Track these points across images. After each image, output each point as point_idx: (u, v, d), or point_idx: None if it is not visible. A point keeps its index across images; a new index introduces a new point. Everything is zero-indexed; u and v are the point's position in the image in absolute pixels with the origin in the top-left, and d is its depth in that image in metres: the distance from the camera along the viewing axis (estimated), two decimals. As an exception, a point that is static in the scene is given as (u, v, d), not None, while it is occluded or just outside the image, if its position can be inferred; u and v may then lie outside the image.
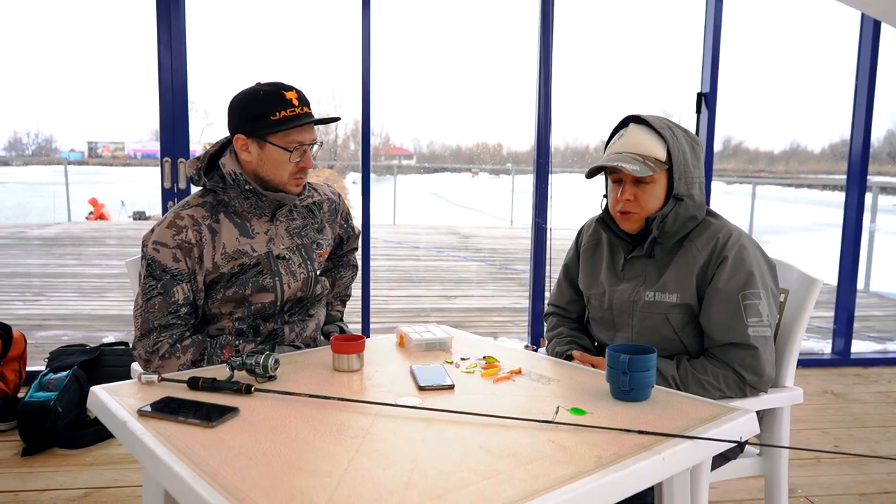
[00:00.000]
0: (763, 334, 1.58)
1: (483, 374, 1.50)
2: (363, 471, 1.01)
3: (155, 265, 1.64)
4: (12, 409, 2.91)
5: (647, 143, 1.63)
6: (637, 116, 1.68)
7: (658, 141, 1.62)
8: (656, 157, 1.61)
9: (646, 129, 1.65)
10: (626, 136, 1.66)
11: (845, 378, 3.92)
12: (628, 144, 1.65)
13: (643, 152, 1.62)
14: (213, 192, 1.73)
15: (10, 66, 23.81)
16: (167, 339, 1.64)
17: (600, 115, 12.79)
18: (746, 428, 1.24)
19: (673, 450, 1.11)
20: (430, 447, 1.10)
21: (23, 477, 2.51)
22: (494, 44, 34.01)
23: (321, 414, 1.24)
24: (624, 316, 1.72)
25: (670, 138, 1.62)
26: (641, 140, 1.63)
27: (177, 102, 3.37)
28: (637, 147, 1.63)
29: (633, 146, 1.64)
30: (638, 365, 1.30)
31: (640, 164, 1.60)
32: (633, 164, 1.59)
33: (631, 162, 1.60)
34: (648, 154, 1.62)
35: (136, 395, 1.33)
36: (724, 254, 1.61)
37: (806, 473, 2.66)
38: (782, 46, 23.62)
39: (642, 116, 1.67)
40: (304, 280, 1.79)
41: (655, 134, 1.63)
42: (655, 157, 1.61)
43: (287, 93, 1.65)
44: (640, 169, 1.58)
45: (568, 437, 1.14)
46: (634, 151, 1.63)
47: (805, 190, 22.52)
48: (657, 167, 1.61)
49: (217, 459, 1.04)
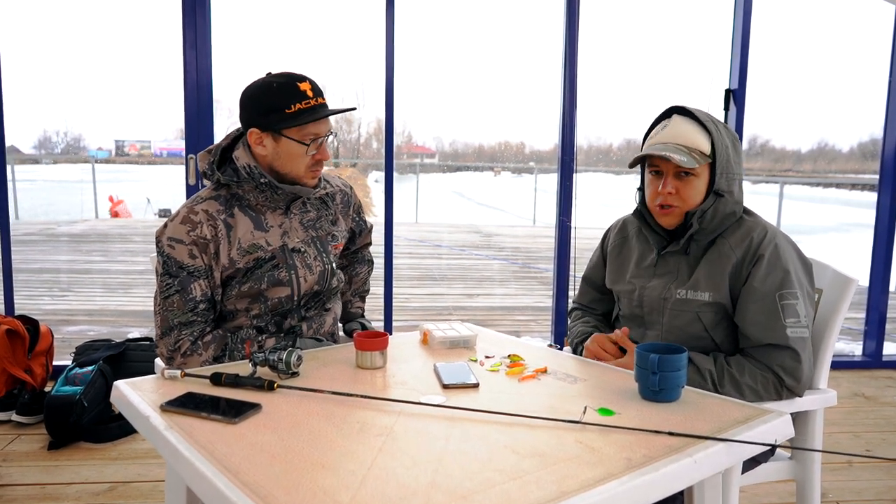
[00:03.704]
0: (801, 335, 1.54)
1: (508, 373, 1.47)
2: (387, 469, 0.99)
3: (171, 262, 1.62)
4: (39, 402, 2.94)
5: (692, 135, 1.59)
6: (681, 107, 1.64)
7: (703, 133, 1.59)
8: (701, 150, 1.58)
9: (690, 121, 1.61)
10: (671, 126, 1.62)
11: (877, 381, 3.83)
12: (673, 135, 1.60)
13: (689, 144, 1.58)
14: (227, 186, 1.70)
15: (40, 66, 24.20)
16: (188, 337, 1.63)
17: (624, 113, 12.68)
18: (781, 431, 1.20)
19: (705, 452, 1.07)
20: (455, 446, 1.07)
21: (49, 470, 2.54)
22: (517, 42, 33.86)
23: (344, 411, 1.22)
24: (654, 314, 1.68)
25: (715, 132, 1.58)
26: (686, 131, 1.59)
27: (202, 100, 3.38)
28: (682, 138, 1.59)
29: (678, 137, 1.60)
30: (668, 365, 1.27)
31: (686, 154, 1.56)
32: (680, 154, 1.55)
33: (678, 152, 1.56)
34: (694, 146, 1.58)
35: (158, 391, 1.33)
36: (760, 252, 1.56)
37: (837, 478, 2.59)
38: (808, 42, 23.24)
39: (687, 108, 1.63)
40: (321, 273, 1.77)
41: (700, 126, 1.59)
42: (700, 150, 1.58)
43: (301, 84, 1.62)
44: (687, 160, 1.54)
45: (596, 437, 1.12)
46: (680, 142, 1.59)
47: (833, 189, 22.15)
48: (702, 160, 1.57)
49: (239, 456, 1.03)
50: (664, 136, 1.62)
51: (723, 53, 3.79)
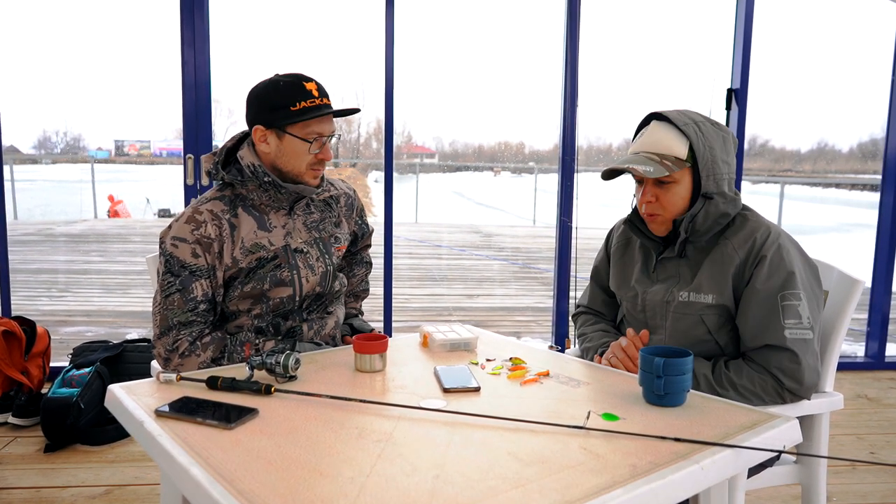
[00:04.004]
0: (802, 337, 1.51)
1: (510, 376, 1.45)
2: (386, 477, 0.96)
3: (173, 261, 1.61)
4: (36, 404, 2.91)
5: (666, 142, 1.57)
6: (659, 113, 1.61)
7: (680, 138, 1.56)
8: (676, 156, 1.55)
9: (667, 127, 1.58)
10: (647, 134, 1.61)
11: (879, 382, 3.81)
12: (646, 143, 1.59)
13: (661, 151, 1.56)
14: (231, 186, 1.71)
15: (40, 66, 24.19)
16: (186, 337, 1.61)
17: (624, 113, 12.68)
18: (789, 436, 1.18)
19: (712, 459, 1.05)
20: (456, 452, 1.05)
21: (45, 473, 2.51)
22: (516, 42, 33.87)
23: (342, 416, 1.20)
24: (657, 317, 1.66)
25: (694, 134, 1.55)
26: (661, 138, 1.58)
27: (200, 99, 3.36)
28: (655, 146, 1.58)
29: (651, 145, 1.58)
30: (673, 368, 1.24)
31: (654, 164, 1.54)
32: (646, 164, 1.54)
33: (645, 163, 1.54)
34: (667, 153, 1.56)
35: (154, 395, 1.30)
36: (763, 253, 1.54)
37: (842, 481, 2.57)
38: (808, 42, 23.18)
39: (664, 113, 1.60)
40: (323, 274, 1.76)
41: (677, 131, 1.57)
42: (675, 156, 1.55)
43: (307, 83, 1.63)
44: (653, 170, 1.53)
45: (600, 443, 1.09)
46: (651, 151, 1.57)
47: (833, 189, 22.12)
48: (676, 166, 1.54)
49: (235, 463, 1.01)
50: (637, 145, 1.61)
51: (725, 53, 3.77)
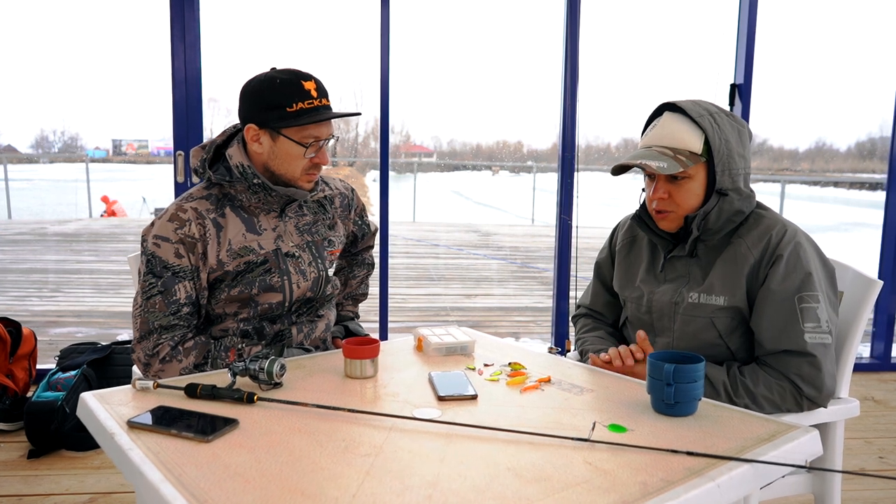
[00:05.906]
0: (822, 342, 1.42)
1: (509, 383, 1.36)
2: (374, 497, 0.88)
3: (155, 261, 1.53)
4: (20, 408, 2.83)
5: (680, 135, 1.47)
6: (672, 104, 1.52)
7: (695, 131, 1.47)
8: (690, 150, 1.46)
9: (681, 118, 1.49)
10: (658, 126, 1.51)
11: (886, 384, 3.73)
12: (658, 136, 1.50)
13: (675, 145, 1.47)
14: (219, 185, 1.61)
15: (38, 66, 24.09)
16: (168, 342, 1.52)
17: (624, 110, 12.59)
18: (809, 449, 1.10)
19: (729, 475, 0.97)
20: (450, 468, 0.97)
21: (27, 480, 2.42)
22: (515, 41, 33.77)
23: (329, 427, 1.12)
24: (664, 319, 1.57)
25: (710, 127, 1.46)
26: (674, 131, 1.48)
27: (190, 95, 3.27)
28: (668, 139, 1.48)
29: (663, 138, 1.49)
30: (684, 375, 1.16)
31: (668, 159, 1.44)
32: (659, 160, 1.44)
33: (657, 158, 1.45)
34: (681, 147, 1.47)
35: (128, 404, 1.22)
36: (779, 252, 1.45)
37: (851, 487, 2.49)
38: (807, 42, 23.12)
39: (678, 103, 1.51)
40: (315, 279, 1.67)
41: (692, 123, 1.48)
42: (689, 150, 1.46)
43: (305, 82, 1.52)
44: (667, 165, 1.43)
45: (607, 458, 1.01)
46: (665, 144, 1.48)
47: (832, 188, 22.09)
48: (691, 161, 1.45)
49: (209, 481, 0.92)
50: (650, 139, 1.52)
51: (728, 48, 3.69)
